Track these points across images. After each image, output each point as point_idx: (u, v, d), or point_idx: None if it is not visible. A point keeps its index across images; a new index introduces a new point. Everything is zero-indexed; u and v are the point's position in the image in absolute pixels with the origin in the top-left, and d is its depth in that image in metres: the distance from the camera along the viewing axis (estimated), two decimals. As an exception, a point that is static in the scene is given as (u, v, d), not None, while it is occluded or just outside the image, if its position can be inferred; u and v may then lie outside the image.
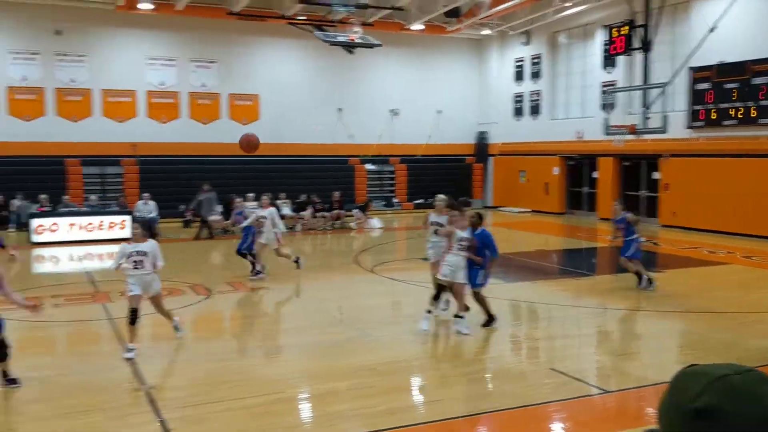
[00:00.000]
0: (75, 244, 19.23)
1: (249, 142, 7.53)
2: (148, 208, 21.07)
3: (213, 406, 6.71)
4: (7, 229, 21.82)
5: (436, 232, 10.25)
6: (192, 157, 25.82)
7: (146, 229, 8.91)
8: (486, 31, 29.20)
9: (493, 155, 31.18)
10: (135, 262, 8.47)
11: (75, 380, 7.45)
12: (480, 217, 9.79)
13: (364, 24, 23.65)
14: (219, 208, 21.57)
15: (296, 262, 14.07)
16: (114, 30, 25.19)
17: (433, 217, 10.42)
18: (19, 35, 24.12)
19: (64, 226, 19.56)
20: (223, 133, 26.49)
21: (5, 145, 23.58)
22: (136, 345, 8.32)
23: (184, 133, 26.28)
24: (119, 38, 25.46)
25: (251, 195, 19.16)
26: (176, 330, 9.11)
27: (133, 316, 8.35)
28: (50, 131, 24.39)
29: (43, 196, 21.58)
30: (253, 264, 13.67)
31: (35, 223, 19.58)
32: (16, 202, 22.18)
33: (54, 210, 21.11)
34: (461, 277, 9.29)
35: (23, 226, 20.81)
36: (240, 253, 14.02)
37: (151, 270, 8.57)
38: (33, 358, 8.78)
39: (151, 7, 23.64)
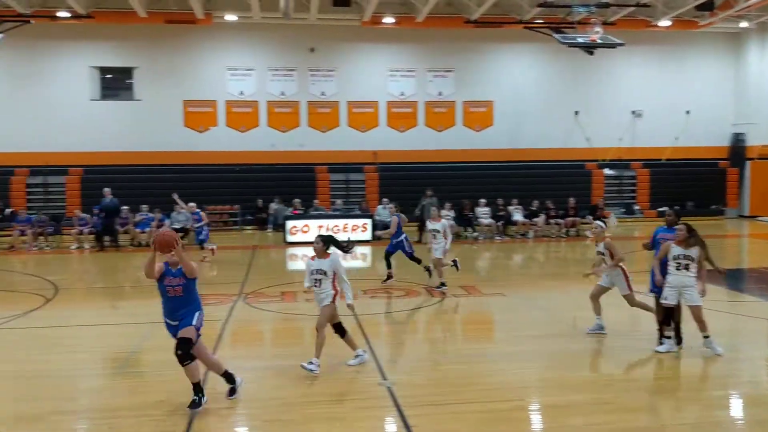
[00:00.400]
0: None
1: (161, 243, 6.90)
2: (386, 212, 22.13)
3: (454, 407, 6.83)
4: (265, 230, 24.25)
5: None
6: (427, 164, 26.63)
7: (327, 243, 8.24)
8: (744, 24, 26.54)
9: (751, 159, 28.20)
10: (315, 280, 8.08)
11: (320, 371, 7.95)
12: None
13: (605, 23, 22.73)
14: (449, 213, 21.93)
15: (454, 264, 13.73)
16: (360, 45, 26.91)
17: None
18: (278, 54, 26.67)
19: (313, 228, 21.20)
20: (456, 140, 27.10)
21: (265, 154, 26.19)
22: (360, 350, 8.32)
23: (420, 140, 27.23)
24: (364, 52, 27.11)
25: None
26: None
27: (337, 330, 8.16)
28: (302, 140, 26.63)
29: (296, 200, 23.62)
30: (428, 270, 13.69)
31: (290, 224, 21.47)
32: (274, 206, 24.56)
33: (305, 213, 22.98)
34: (693, 298, 8.43)
35: (279, 227, 22.96)
36: (413, 258, 13.99)
37: (328, 289, 8.02)
38: (283, 347, 9.61)
39: (393, 20, 24.82)
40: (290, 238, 21.25)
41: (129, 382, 7.89)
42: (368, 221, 21.58)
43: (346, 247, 8.39)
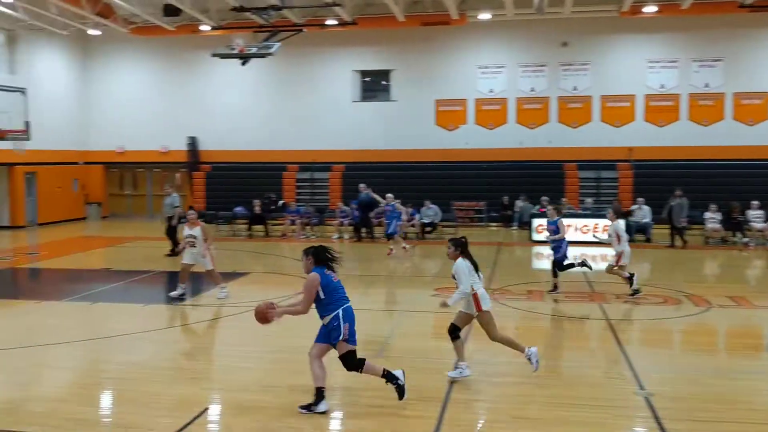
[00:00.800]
0: (571, 244, 20.15)
1: (259, 319, 6.56)
2: (642, 213, 20.91)
3: (721, 425, 6.27)
4: (510, 227, 24.19)
5: None
6: (688, 161, 24.65)
7: (458, 246, 7.79)
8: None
9: None
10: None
11: (571, 373, 7.75)
12: None
13: None
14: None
15: (629, 279, 12.25)
16: (616, 36, 25.70)
17: None
18: (529, 50, 26.40)
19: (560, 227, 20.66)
20: (725, 136, 24.75)
21: (513, 151, 26.13)
22: (464, 363, 7.76)
23: (681, 136, 25.25)
24: (621, 44, 25.84)
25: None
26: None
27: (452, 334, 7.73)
28: (551, 137, 26.13)
29: (543, 198, 23.22)
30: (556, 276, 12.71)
31: (535, 222, 21.17)
32: (520, 203, 24.41)
33: (553, 211, 22.47)
34: None
35: (525, 225, 22.77)
36: (563, 265, 12.83)
37: (458, 298, 7.54)
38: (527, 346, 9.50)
39: (656, 9, 23.28)
40: (536, 237, 20.95)
41: (384, 365, 8.32)
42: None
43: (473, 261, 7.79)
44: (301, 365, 8.32)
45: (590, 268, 12.76)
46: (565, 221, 20.54)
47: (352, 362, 6.69)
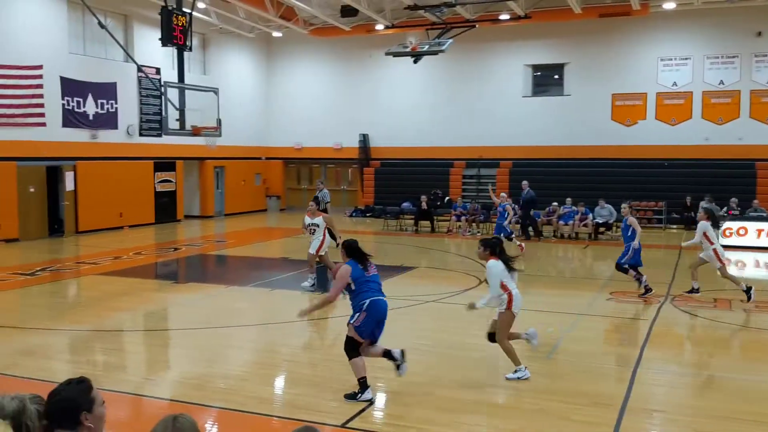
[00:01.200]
0: (763, 250, 18.50)
1: None
2: None
3: None
4: (692, 229, 22.46)
5: None
6: None
7: (487, 247, 7.63)
8: None
9: None
10: None
11: (744, 385, 7.09)
12: None
13: None
14: None
15: (747, 292, 11.26)
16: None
17: None
18: (718, 40, 24.46)
19: (752, 231, 19.04)
20: None
21: (697, 148, 24.38)
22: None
23: None
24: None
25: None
26: None
27: None
28: (742, 134, 24.07)
29: (732, 200, 21.47)
30: (638, 280, 11.92)
31: (723, 225, 19.59)
32: (704, 204, 22.51)
33: (742, 214, 20.73)
34: None
35: (709, 228, 21.13)
36: (621, 267, 12.12)
37: (489, 299, 7.54)
38: (706, 356, 8.81)
39: None
40: (722, 241, 19.38)
41: (556, 368, 8.09)
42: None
43: (510, 261, 7.62)
44: (468, 362, 8.31)
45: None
46: (756, 225, 19.01)
47: (349, 348, 6.96)
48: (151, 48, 23.07)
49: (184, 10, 17.18)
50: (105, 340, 9.57)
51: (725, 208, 21.33)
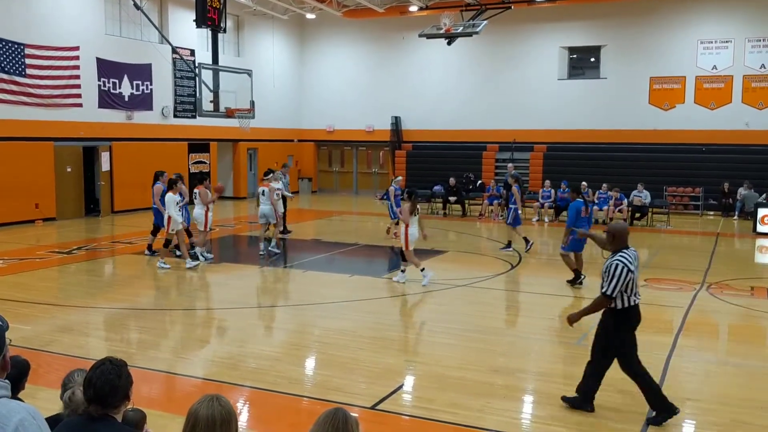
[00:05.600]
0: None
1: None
2: None
3: None
4: (730, 217, 22.10)
5: None
6: None
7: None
8: None
9: None
10: None
11: None
12: None
13: None
14: None
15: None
16: None
17: None
18: (762, 23, 23.75)
19: None
20: None
21: (737, 133, 23.84)
22: None
23: None
24: None
25: None
26: None
27: None
28: (785, 119, 23.51)
29: (772, 186, 21.00)
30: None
31: (761, 212, 19.18)
32: (742, 191, 22.17)
33: (782, 201, 20.26)
34: None
35: (747, 215, 20.71)
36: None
37: None
38: (744, 345, 8.65)
39: None
40: (761, 228, 18.99)
41: (587, 355, 7.99)
42: None
43: None
44: (501, 347, 8.27)
45: None
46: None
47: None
48: (185, 29, 23.22)
49: (219, -9, 17.21)
50: (139, 318, 9.72)
51: (764, 195, 20.85)
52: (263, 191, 14.81)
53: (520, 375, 7.32)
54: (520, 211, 15.60)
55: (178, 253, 13.56)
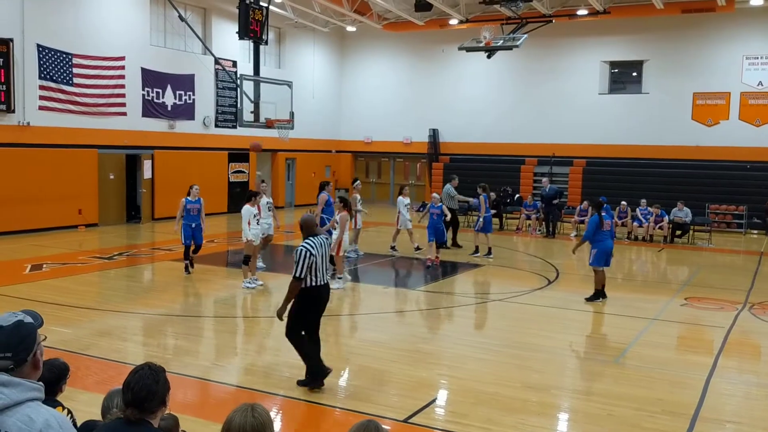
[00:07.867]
0: None
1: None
2: None
3: None
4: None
5: None
6: None
7: None
8: None
9: None
10: None
11: None
12: None
13: None
14: None
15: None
16: None
17: None
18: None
19: None
20: None
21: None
22: None
23: None
24: None
25: None
26: None
27: None
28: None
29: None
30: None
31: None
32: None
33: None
34: None
35: (794, 235, 20.16)
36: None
37: None
38: None
39: None
40: (808, 249, 18.48)
41: (626, 373, 7.86)
42: None
43: None
44: (534, 363, 8.17)
45: None
46: None
47: None
48: (228, 41, 23.59)
49: (262, 4, 17.48)
50: (176, 324, 9.85)
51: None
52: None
53: (554, 392, 7.22)
54: (481, 219, 16.39)
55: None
